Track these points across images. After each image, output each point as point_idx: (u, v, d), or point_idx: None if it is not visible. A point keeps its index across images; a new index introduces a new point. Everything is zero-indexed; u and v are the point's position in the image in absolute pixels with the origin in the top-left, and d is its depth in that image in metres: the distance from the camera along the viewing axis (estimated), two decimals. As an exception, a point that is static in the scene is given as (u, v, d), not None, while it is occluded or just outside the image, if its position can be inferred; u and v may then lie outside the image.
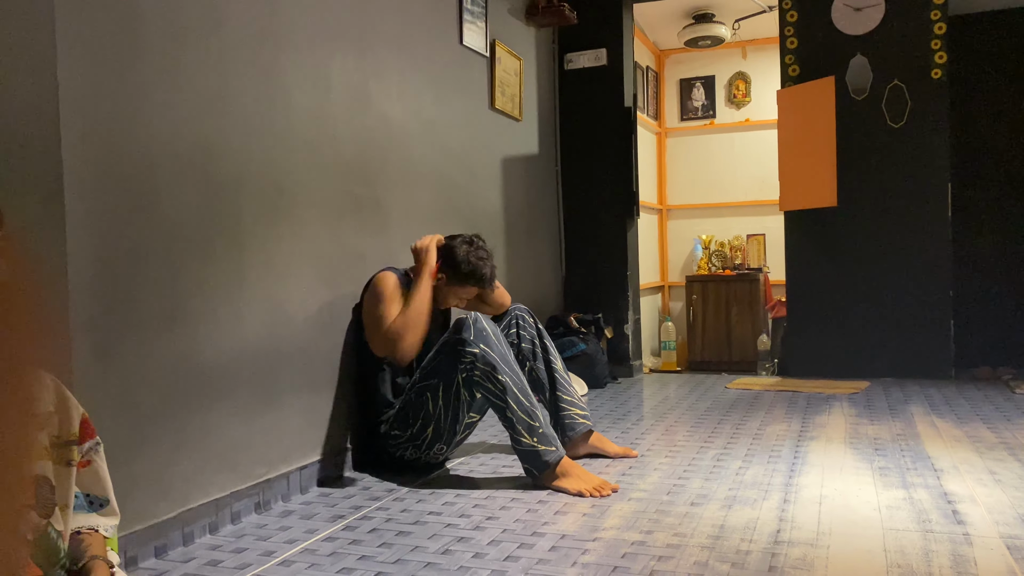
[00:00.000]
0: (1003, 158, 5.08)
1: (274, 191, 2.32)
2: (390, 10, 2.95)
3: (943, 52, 4.12)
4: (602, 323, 4.40)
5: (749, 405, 3.62)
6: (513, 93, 3.99)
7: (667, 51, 6.37)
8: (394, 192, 2.95)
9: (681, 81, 6.41)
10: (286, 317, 2.35)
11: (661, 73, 6.42)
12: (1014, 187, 5.08)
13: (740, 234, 6.18)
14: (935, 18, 4.13)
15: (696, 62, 6.33)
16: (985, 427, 3.01)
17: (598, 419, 3.37)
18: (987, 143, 5.08)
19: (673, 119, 6.43)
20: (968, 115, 5.00)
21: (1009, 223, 5.08)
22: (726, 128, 6.27)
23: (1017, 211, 5.08)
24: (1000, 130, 5.10)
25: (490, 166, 3.80)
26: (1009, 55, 5.05)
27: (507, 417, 2.37)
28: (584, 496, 2.26)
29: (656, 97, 6.33)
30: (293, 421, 2.37)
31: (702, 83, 6.34)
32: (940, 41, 4.13)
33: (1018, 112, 5.06)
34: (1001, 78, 5.07)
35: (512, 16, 4.04)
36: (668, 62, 6.43)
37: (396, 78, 2.98)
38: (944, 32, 4.12)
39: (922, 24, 4.14)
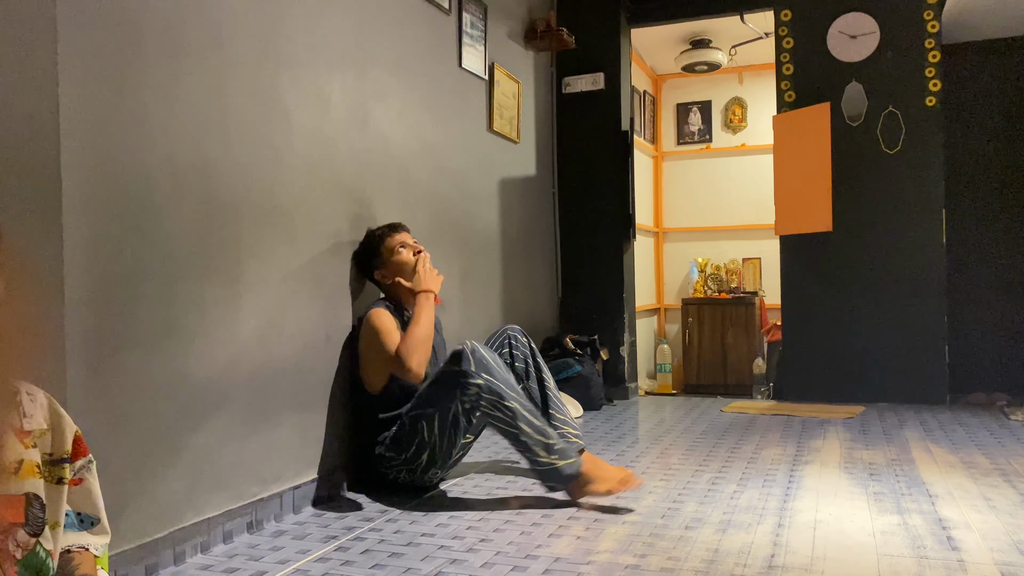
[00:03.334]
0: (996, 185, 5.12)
1: (272, 210, 2.32)
2: (390, 32, 2.97)
3: (937, 80, 4.16)
4: (598, 345, 4.40)
5: (744, 429, 3.61)
6: (511, 116, 4.02)
7: (664, 76, 6.42)
8: (392, 212, 2.96)
9: (678, 105, 6.46)
10: (282, 336, 2.35)
11: (658, 97, 6.46)
12: (1008, 214, 5.11)
13: (736, 258, 6.20)
14: (929, 46, 4.17)
15: (693, 87, 6.38)
16: (980, 453, 3.01)
17: (593, 441, 3.36)
18: (980, 170, 5.12)
19: (670, 143, 6.47)
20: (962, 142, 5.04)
21: (1002, 249, 5.10)
22: (722, 152, 6.31)
23: (1010, 237, 5.10)
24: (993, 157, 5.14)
25: (488, 188, 3.82)
26: (1002, 83, 5.10)
27: (521, 441, 2.36)
28: (613, 494, 2.35)
29: (653, 121, 6.37)
30: (287, 440, 2.36)
31: (699, 108, 6.39)
32: (934, 69, 4.17)
33: (1010, 139, 5.11)
34: (994, 106, 5.12)
35: (511, 40, 4.07)
36: (665, 87, 6.48)
37: (395, 99, 3.00)
38: (938, 60, 4.16)
39: (916, 52, 4.19)
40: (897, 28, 4.22)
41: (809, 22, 4.38)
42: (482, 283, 3.71)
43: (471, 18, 3.57)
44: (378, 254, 2.72)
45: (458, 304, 3.44)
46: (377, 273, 2.74)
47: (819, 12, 4.35)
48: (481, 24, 3.67)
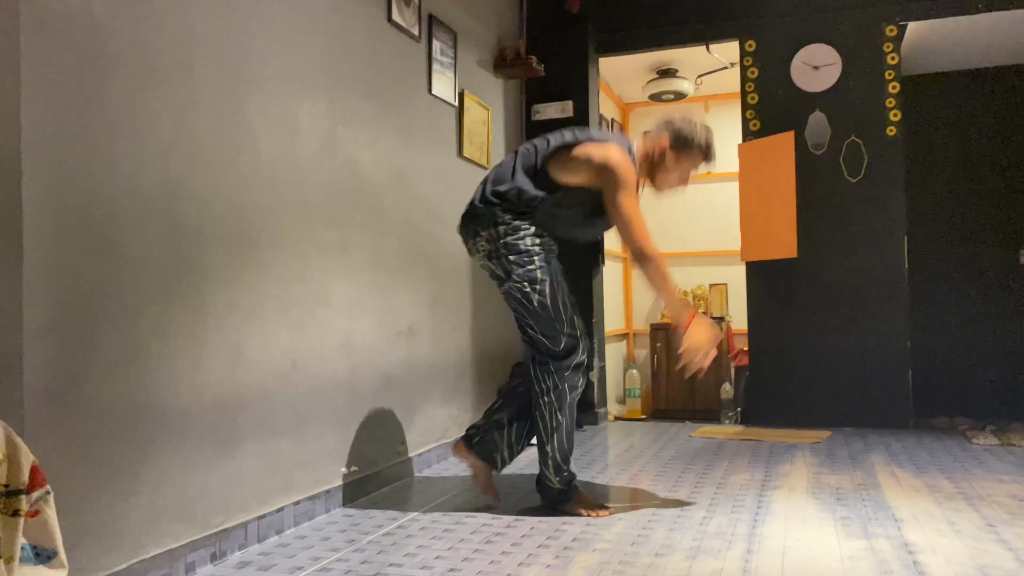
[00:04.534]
0: (956, 213, 5.25)
1: (239, 235, 2.30)
2: (359, 58, 2.98)
3: (897, 110, 4.26)
4: (567, 371, 4.39)
5: (713, 454, 3.62)
6: (481, 142, 4.03)
7: (632, 104, 6.50)
8: (361, 237, 2.94)
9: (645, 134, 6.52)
10: (248, 362, 2.31)
11: (626, 125, 6.54)
12: (968, 241, 5.23)
13: (703, 283, 6.26)
14: (889, 77, 4.28)
15: (659, 115, 6.45)
16: (944, 477, 3.05)
17: (563, 468, 3.35)
18: (941, 198, 5.24)
19: (638, 170, 6.53)
20: (922, 171, 5.16)
21: (962, 276, 5.22)
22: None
23: (970, 265, 5.22)
24: (952, 186, 5.27)
25: (457, 213, 3.78)
26: (960, 114, 5.25)
27: (545, 451, 2.60)
28: (583, 516, 2.55)
29: (621, 148, 6.43)
30: (253, 469, 2.32)
31: (666, 135, 6.46)
32: (894, 100, 4.27)
33: (969, 168, 5.24)
34: (953, 135, 5.26)
35: (481, 67, 4.10)
36: (633, 115, 6.56)
37: (365, 125, 3.00)
38: (898, 91, 4.26)
39: (877, 83, 4.29)
40: (858, 59, 4.33)
41: (773, 53, 4.47)
42: (452, 309, 3.69)
43: (441, 45, 3.60)
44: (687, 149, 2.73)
45: (428, 330, 3.43)
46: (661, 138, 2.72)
47: (783, 43, 4.45)
48: (451, 51, 3.69)
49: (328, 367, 2.71)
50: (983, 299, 5.18)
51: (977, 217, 5.23)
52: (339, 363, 2.77)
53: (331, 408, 2.72)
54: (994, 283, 5.17)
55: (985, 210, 5.21)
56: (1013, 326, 5.10)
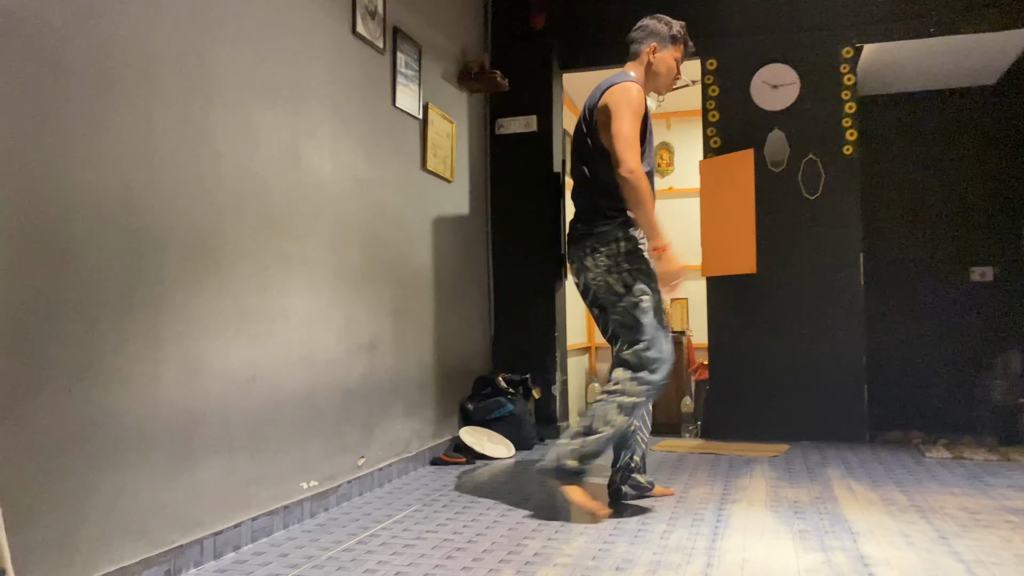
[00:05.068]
0: (909, 230, 5.37)
1: (198, 246, 2.27)
2: (323, 70, 2.97)
3: (853, 130, 4.36)
4: (530, 384, 4.40)
5: (673, 467, 3.65)
6: (445, 155, 4.04)
7: (595, 119, 6.55)
8: (324, 250, 2.92)
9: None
10: (206, 375, 2.28)
11: (590, 140, 6.59)
12: (920, 258, 5.36)
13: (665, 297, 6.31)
14: (846, 98, 4.37)
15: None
16: (898, 490, 3.11)
17: (525, 483, 3.34)
18: (894, 215, 5.37)
19: (601, 184, 6.59)
20: (877, 189, 5.28)
21: (916, 293, 5.34)
22: (652, 195, 6.45)
23: (924, 281, 5.35)
24: (905, 203, 5.40)
25: (421, 226, 3.81)
26: (913, 134, 5.39)
27: (586, 437, 2.63)
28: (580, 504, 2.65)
29: (585, 163, 6.48)
30: (210, 484, 2.28)
31: (629, 151, 6.53)
32: (851, 119, 4.37)
33: (922, 188, 5.38)
34: (907, 155, 5.39)
35: (445, 80, 4.11)
36: (596, 130, 6.61)
37: (328, 136, 2.99)
38: (854, 111, 4.36)
39: (834, 103, 4.38)
40: (816, 80, 4.42)
41: (734, 72, 4.55)
42: (415, 321, 3.68)
43: (405, 58, 3.59)
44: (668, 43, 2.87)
45: (390, 343, 3.41)
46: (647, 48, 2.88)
47: (743, 62, 4.52)
48: (415, 64, 3.70)
49: (288, 380, 2.68)
50: (936, 315, 5.31)
51: (930, 235, 5.37)
52: (299, 376, 2.75)
53: (291, 422, 2.69)
54: (946, 299, 5.31)
55: (937, 228, 5.35)
56: (965, 341, 5.23)
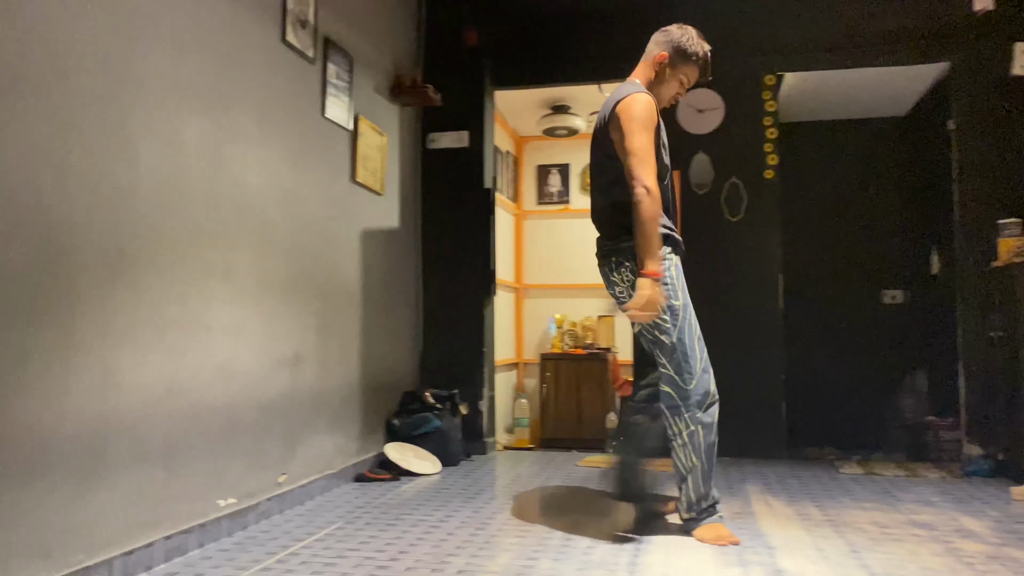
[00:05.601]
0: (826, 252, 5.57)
1: (115, 254, 2.19)
2: (251, 77, 2.91)
3: (774, 155, 4.50)
4: (457, 400, 4.38)
5: (599, 483, 3.67)
6: (375, 168, 4.00)
7: (526, 137, 6.61)
8: (247, 259, 2.86)
9: (539, 167, 6.65)
10: (120, 388, 2.19)
11: (520, 158, 6.64)
12: (836, 280, 5.56)
13: (591, 315, 6.38)
14: (767, 124, 4.52)
15: (553, 150, 6.60)
16: (813, 505, 3.19)
17: (451, 498, 3.32)
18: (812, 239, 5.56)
19: (531, 202, 6.64)
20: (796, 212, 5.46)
21: (831, 313, 5.54)
22: (580, 213, 6.53)
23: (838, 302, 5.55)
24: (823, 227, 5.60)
25: (350, 239, 3.77)
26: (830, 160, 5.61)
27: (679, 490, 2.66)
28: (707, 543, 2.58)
29: (515, 180, 6.53)
30: (121, 501, 2.19)
31: (558, 170, 6.61)
32: (772, 145, 4.51)
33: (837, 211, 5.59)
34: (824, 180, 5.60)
35: (377, 93, 4.08)
36: (527, 148, 6.67)
37: (255, 145, 2.93)
38: (775, 137, 4.51)
39: (756, 128, 4.52)
40: (740, 105, 4.55)
41: (661, 95, 4.64)
42: (341, 335, 3.62)
43: (337, 69, 3.56)
44: (681, 61, 2.73)
45: (314, 357, 3.35)
46: (658, 56, 2.74)
47: (671, 86, 4.62)
48: (347, 75, 3.66)
49: (207, 394, 2.60)
50: (850, 335, 5.50)
51: (845, 258, 5.57)
52: (218, 390, 2.67)
53: (208, 437, 2.61)
54: (860, 320, 5.51)
55: (852, 251, 5.56)
56: (877, 361, 5.44)
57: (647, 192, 2.53)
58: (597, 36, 4.71)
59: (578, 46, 4.74)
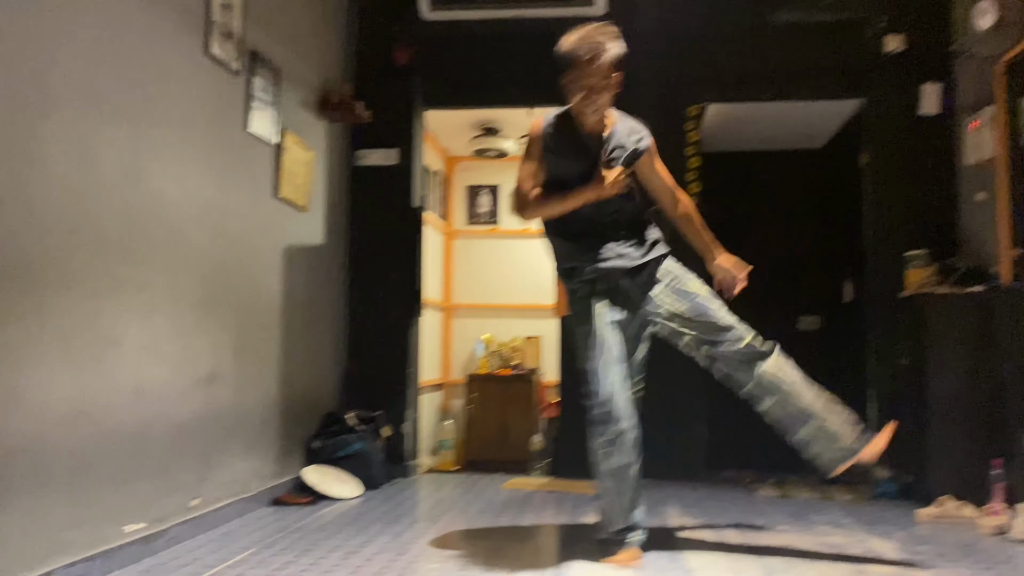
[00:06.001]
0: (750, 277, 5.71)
1: (19, 267, 2.09)
2: (172, 88, 2.84)
3: (697, 183, 4.61)
4: (380, 421, 4.31)
5: (521, 506, 3.67)
6: (300, 183, 3.94)
7: (457, 157, 6.62)
8: (162, 275, 2.77)
9: (469, 187, 6.66)
10: (21, 408, 2.09)
11: (450, 177, 6.64)
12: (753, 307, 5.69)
13: (519, 335, 6.40)
14: (690, 153, 4.63)
15: (483, 171, 6.62)
16: (730, 527, 3.25)
17: (371, 522, 3.26)
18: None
19: (460, 222, 6.64)
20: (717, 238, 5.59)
21: (751, 338, 5.67)
22: (509, 235, 6.57)
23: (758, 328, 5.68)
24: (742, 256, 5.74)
25: (272, 255, 3.69)
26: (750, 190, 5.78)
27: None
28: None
29: (445, 199, 6.52)
30: (18, 527, 2.08)
31: (488, 191, 6.63)
32: (695, 173, 4.62)
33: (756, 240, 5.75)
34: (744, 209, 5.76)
35: (304, 108, 4.03)
36: (457, 168, 6.68)
37: (174, 157, 2.85)
38: (697, 165, 4.62)
39: (680, 157, 4.62)
40: (664, 134, 4.61)
41: (590, 121, 4.71)
42: (259, 354, 3.54)
43: (262, 82, 3.50)
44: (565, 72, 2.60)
45: (231, 377, 3.25)
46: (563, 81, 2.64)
47: (599, 112, 4.70)
48: (273, 89, 3.60)
49: (116, 415, 2.50)
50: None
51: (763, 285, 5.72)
52: (129, 411, 2.57)
53: (117, 460, 2.50)
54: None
55: (770, 278, 5.71)
56: (792, 385, 5.57)
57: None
58: (528, 61, 4.75)
59: (509, 70, 4.77)
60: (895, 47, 4.37)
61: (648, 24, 4.62)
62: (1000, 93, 3.75)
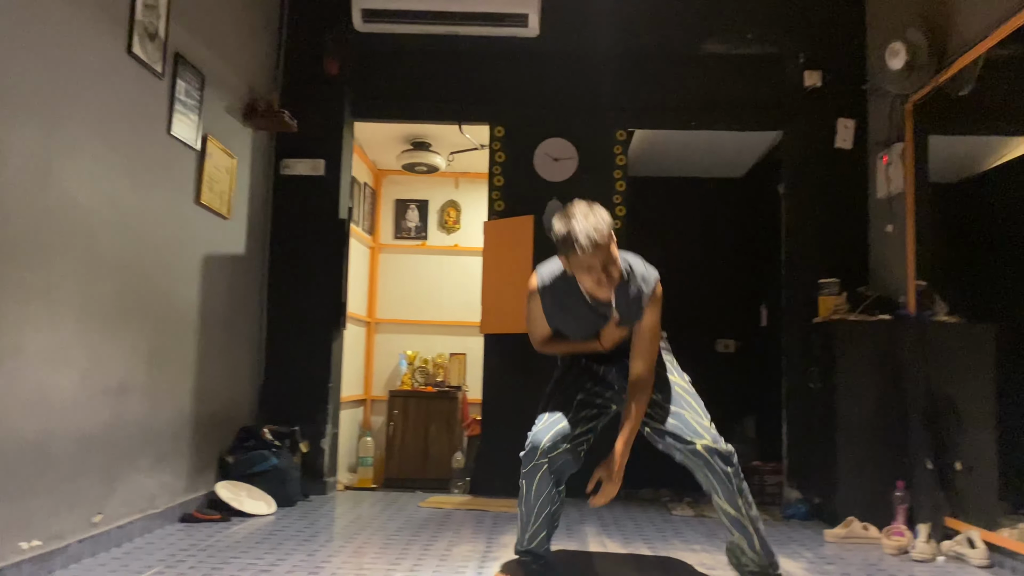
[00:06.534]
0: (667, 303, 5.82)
1: (-88, 267, 1.98)
2: (89, 87, 2.74)
3: (623, 206, 4.70)
4: (298, 437, 4.22)
5: (439, 524, 3.63)
6: (223, 190, 3.84)
7: (385, 171, 6.58)
8: (72, 281, 2.65)
9: (397, 201, 6.62)
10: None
11: (379, 191, 6.59)
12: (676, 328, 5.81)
13: (444, 352, 6.37)
14: (617, 176, 4.71)
15: (412, 185, 6.59)
16: (646, 546, 3.29)
17: (285, 540, 3.17)
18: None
19: (388, 236, 6.59)
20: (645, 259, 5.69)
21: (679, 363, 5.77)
22: (437, 250, 6.54)
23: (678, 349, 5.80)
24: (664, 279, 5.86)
25: (191, 263, 3.58)
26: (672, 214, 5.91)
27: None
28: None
29: (372, 213, 6.46)
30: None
31: (417, 206, 6.60)
32: (621, 196, 4.70)
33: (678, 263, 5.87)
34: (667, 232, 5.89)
35: (229, 114, 3.94)
36: (386, 181, 6.63)
37: (89, 159, 2.75)
38: (624, 189, 4.70)
39: (607, 180, 4.71)
40: (592, 157, 4.72)
41: (519, 141, 4.76)
42: (174, 364, 3.42)
43: (186, 86, 3.41)
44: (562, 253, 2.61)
45: (142, 387, 3.13)
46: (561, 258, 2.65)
47: (528, 133, 4.75)
48: (197, 94, 3.51)
49: (15, 425, 2.38)
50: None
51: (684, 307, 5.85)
52: (29, 421, 2.44)
53: (13, 472, 2.37)
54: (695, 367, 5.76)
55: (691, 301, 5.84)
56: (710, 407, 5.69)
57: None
58: (461, 78, 4.78)
59: (441, 86, 4.78)
60: (813, 83, 4.56)
61: (580, 47, 4.71)
62: (909, 131, 3.95)
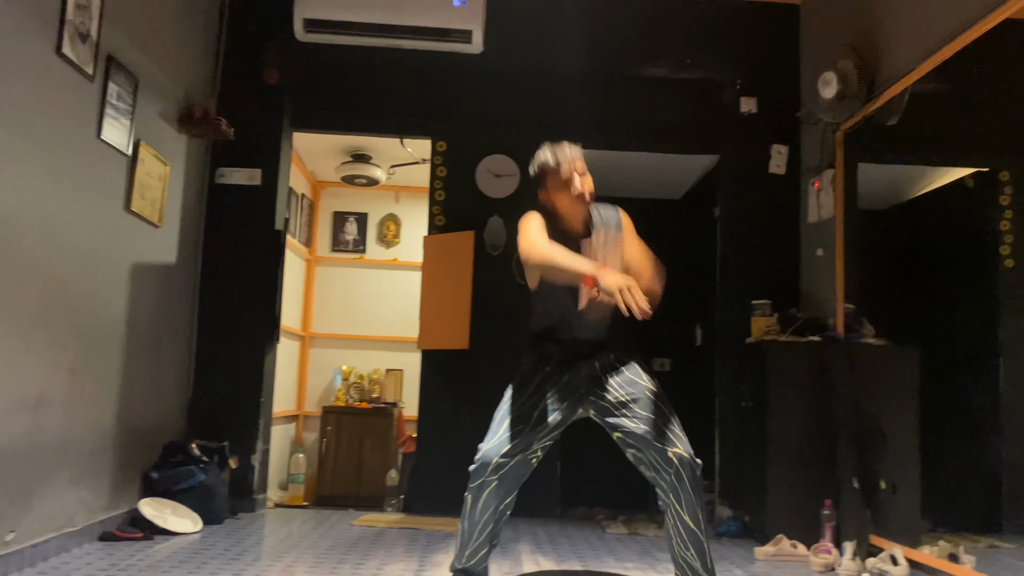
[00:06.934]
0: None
1: None
2: (17, 88, 2.64)
3: (564, 224, 4.72)
4: (227, 452, 4.10)
5: (371, 543, 3.57)
6: (154, 198, 3.73)
7: (324, 182, 6.49)
8: (-12, 288, 2.53)
9: (335, 213, 6.54)
10: None
11: (316, 202, 6.49)
12: (613, 347, 5.86)
13: (380, 368, 6.29)
14: (559, 194, 4.73)
15: (351, 197, 6.52)
16: (580, 564, 3.29)
17: (210, 559, 3.07)
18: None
19: (325, 248, 6.49)
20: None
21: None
22: (375, 264, 6.48)
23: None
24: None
25: (117, 271, 3.46)
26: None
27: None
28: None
29: (310, 225, 6.36)
30: None
31: (355, 218, 6.53)
32: (562, 214, 4.72)
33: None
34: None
35: (163, 120, 3.84)
36: (324, 193, 6.54)
37: (11, 161, 2.64)
38: (565, 207, 4.73)
39: (548, 198, 4.73)
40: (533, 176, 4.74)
41: (461, 156, 4.75)
42: (98, 376, 3.29)
43: (118, 89, 3.31)
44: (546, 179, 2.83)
45: (62, 400, 3.01)
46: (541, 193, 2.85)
47: (471, 149, 4.74)
48: (130, 98, 3.41)
49: (-80, 439, 2.25)
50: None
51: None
52: (-63, 434, 2.32)
53: (-83, 489, 2.25)
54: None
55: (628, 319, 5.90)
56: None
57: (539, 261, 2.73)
58: (403, 91, 4.75)
59: (383, 98, 4.75)
60: (749, 109, 4.68)
61: (525, 66, 4.74)
62: (840, 158, 4.08)
